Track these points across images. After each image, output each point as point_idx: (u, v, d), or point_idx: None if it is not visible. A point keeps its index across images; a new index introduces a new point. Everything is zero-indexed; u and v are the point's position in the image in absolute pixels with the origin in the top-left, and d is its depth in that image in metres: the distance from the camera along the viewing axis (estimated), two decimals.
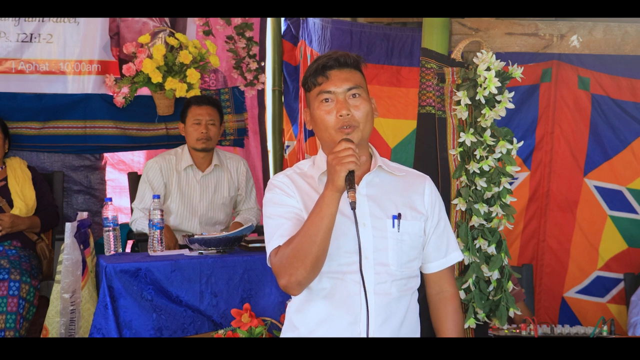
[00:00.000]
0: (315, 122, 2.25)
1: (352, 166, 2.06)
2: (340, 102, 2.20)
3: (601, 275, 4.21)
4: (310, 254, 2.07)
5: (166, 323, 3.18)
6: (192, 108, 4.24)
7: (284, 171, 2.32)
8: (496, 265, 3.09)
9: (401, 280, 2.23)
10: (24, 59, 4.55)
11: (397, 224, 2.22)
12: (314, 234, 2.07)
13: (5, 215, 3.99)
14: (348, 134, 2.18)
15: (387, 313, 2.19)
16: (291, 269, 2.09)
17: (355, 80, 2.23)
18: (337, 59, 2.22)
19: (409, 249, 2.24)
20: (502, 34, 3.32)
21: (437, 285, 2.37)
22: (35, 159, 4.56)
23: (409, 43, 4.51)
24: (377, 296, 2.17)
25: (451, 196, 3.18)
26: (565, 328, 3.16)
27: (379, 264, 2.19)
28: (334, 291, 2.18)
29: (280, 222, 2.19)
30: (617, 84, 4.15)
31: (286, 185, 2.25)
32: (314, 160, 2.33)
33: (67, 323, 3.33)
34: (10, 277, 3.78)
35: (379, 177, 2.29)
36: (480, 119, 3.11)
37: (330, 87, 2.21)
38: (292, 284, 2.11)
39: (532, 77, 4.09)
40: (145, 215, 4.03)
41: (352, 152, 2.07)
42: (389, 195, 2.27)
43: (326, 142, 2.25)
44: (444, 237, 2.36)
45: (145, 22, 4.77)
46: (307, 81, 2.25)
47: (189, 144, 4.26)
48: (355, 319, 2.16)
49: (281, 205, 2.22)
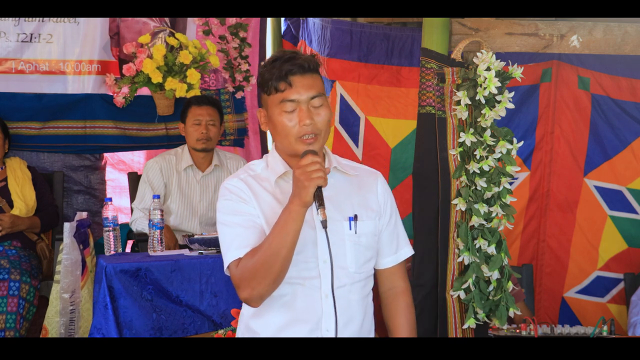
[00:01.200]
0: (274, 128, 2.17)
1: (321, 182, 2.01)
2: (303, 111, 2.12)
3: (601, 275, 4.21)
4: (274, 269, 2.04)
5: (166, 323, 3.19)
6: (192, 108, 4.23)
7: (237, 174, 2.23)
8: (496, 265, 3.09)
9: (360, 282, 2.21)
10: (24, 59, 4.55)
11: (353, 226, 2.19)
12: (277, 249, 2.03)
13: (5, 216, 4.00)
14: (310, 144, 2.12)
15: (348, 316, 2.17)
16: (253, 283, 2.06)
17: (318, 87, 2.15)
18: (302, 65, 2.13)
19: (366, 249, 2.22)
20: (502, 34, 3.32)
21: (389, 281, 2.34)
22: (35, 159, 4.56)
23: (409, 43, 4.51)
24: (338, 300, 2.14)
25: (451, 196, 3.18)
26: (565, 328, 3.16)
27: (338, 267, 2.15)
28: (294, 297, 2.15)
29: (237, 232, 2.14)
30: (617, 84, 4.14)
31: (242, 190, 2.17)
32: (266, 161, 2.25)
33: (66, 323, 3.33)
34: (10, 277, 3.79)
35: (334, 177, 2.22)
36: (480, 119, 3.11)
37: (293, 95, 2.12)
38: (254, 297, 2.09)
39: (532, 77, 4.09)
40: (145, 215, 4.03)
41: (319, 167, 2.02)
42: (344, 196, 2.23)
43: (285, 148, 2.19)
44: (395, 233, 2.33)
45: (145, 22, 4.77)
46: (268, 84, 2.14)
47: (189, 144, 4.26)
48: (317, 324, 2.13)
49: (238, 213, 2.15)
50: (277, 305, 2.16)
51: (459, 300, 3.16)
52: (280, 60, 2.14)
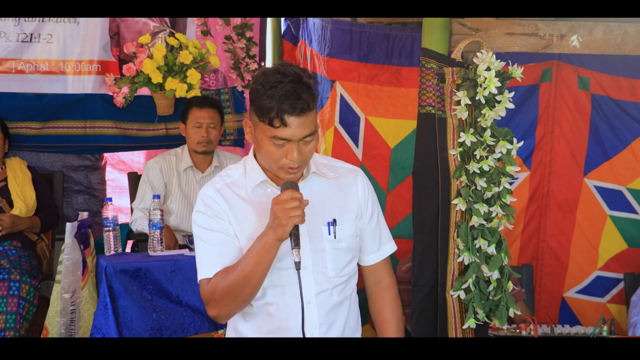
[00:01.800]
0: (258, 146, 2.12)
1: (299, 220, 2.00)
2: (292, 149, 2.06)
3: (601, 275, 4.21)
4: (244, 293, 2.08)
5: (166, 323, 3.19)
6: (194, 110, 4.22)
7: (213, 182, 2.21)
8: (496, 265, 3.09)
9: (341, 285, 2.21)
10: (24, 59, 4.55)
11: (332, 230, 2.18)
12: (249, 277, 2.05)
13: (5, 216, 4.00)
14: (293, 174, 2.11)
15: (330, 320, 2.18)
16: (222, 304, 2.10)
17: (312, 125, 2.08)
18: (302, 107, 2.03)
19: (346, 253, 2.22)
20: (502, 34, 3.32)
21: (374, 277, 2.35)
22: (35, 159, 4.56)
23: (409, 43, 4.51)
24: (319, 306, 2.15)
25: (451, 196, 3.17)
26: (565, 328, 3.16)
27: (318, 273, 2.17)
28: (277, 306, 2.16)
29: (210, 250, 2.15)
30: (617, 84, 4.14)
31: (216, 202, 2.15)
32: (245, 166, 2.22)
33: (67, 323, 3.33)
34: (10, 277, 3.79)
35: (312, 181, 2.21)
36: (480, 119, 3.11)
37: (287, 134, 2.05)
38: (222, 316, 2.15)
39: (532, 77, 4.09)
40: (145, 215, 4.03)
41: (298, 204, 2.00)
42: (323, 200, 2.21)
43: (265, 165, 2.17)
44: (377, 230, 2.32)
45: (145, 22, 4.77)
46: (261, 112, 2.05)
47: (189, 146, 4.26)
48: (297, 333, 2.11)
49: (212, 229, 2.15)
50: (262, 313, 2.18)
51: (459, 300, 3.16)
52: (280, 90, 2.03)
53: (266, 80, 2.06)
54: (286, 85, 2.03)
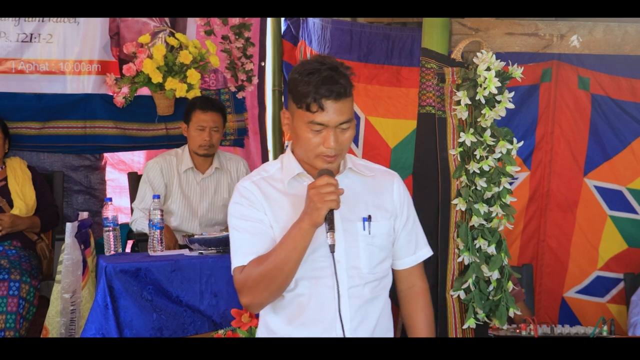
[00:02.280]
0: (296, 135, 2.17)
1: (334, 205, 2.02)
2: (329, 135, 2.11)
3: (601, 275, 4.21)
4: (277, 281, 2.07)
5: (166, 323, 3.18)
6: (197, 113, 4.18)
7: (251, 176, 2.25)
8: (496, 265, 3.09)
9: (374, 281, 2.21)
10: (24, 59, 4.55)
11: (367, 226, 2.20)
12: (283, 263, 2.05)
13: (5, 215, 3.99)
14: (329, 162, 2.14)
15: (362, 316, 2.18)
16: (255, 292, 2.09)
17: (349, 112, 2.13)
18: (339, 92, 2.08)
19: (379, 250, 2.23)
20: (502, 34, 3.32)
21: (408, 281, 2.36)
22: (35, 159, 4.56)
23: (409, 43, 4.51)
24: (351, 299, 2.16)
25: (451, 196, 3.18)
26: (565, 328, 3.16)
27: (351, 267, 2.17)
28: (309, 297, 2.16)
29: (245, 238, 2.16)
30: (617, 84, 4.14)
31: (252, 193, 2.18)
32: (282, 161, 2.26)
33: (67, 323, 3.33)
34: (10, 277, 3.79)
35: (348, 178, 2.24)
36: (480, 119, 3.11)
37: (324, 119, 2.10)
38: (254, 304, 2.13)
39: (532, 77, 4.09)
40: (146, 215, 4.02)
41: (334, 190, 2.02)
42: (358, 196, 2.23)
43: (302, 156, 2.20)
44: (413, 234, 2.34)
45: (145, 22, 4.77)
46: (299, 98, 2.11)
47: (190, 147, 4.25)
48: (330, 324, 2.13)
49: (247, 219, 2.17)
50: (292, 304, 2.17)
51: (459, 300, 3.16)
52: (318, 76, 2.08)
53: (304, 68, 2.11)
54: (324, 72, 2.08)
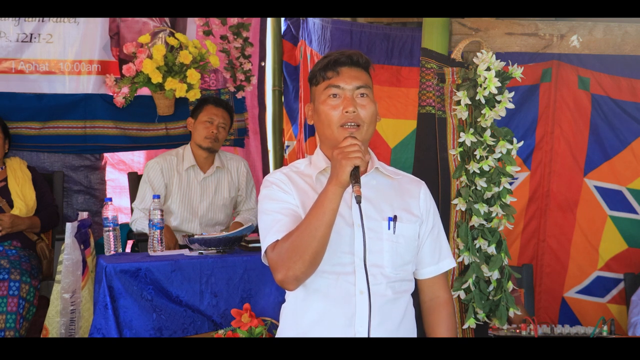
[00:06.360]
0: (319, 117, 2.24)
1: (358, 161, 2.06)
2: (347, 99, 2.20)
3: (601, 275, 4.21)
4: (310, 249, 2.06)
5: (166, 323, 3.18)
6: (209, 106, 4.26)
7: (281, 169, 2.31)
8: (496, 265, 3.09)
9: (396, 282, 2.22)
10: (24, 59, 4.55)
11: (392, 226, 2.21)
12: (314, 229, 2.05)
13: (5, 215, 3.99)
14: (352, 133, 2.17)
15: (383, 315, 2.18)
16: (289, 263, 2.08)
17: (365, 79, 2.24)
18: (350, 56, 2.22)
19: (404, 251, 2.24)
20: (502, 34, 3.33)
21: (431, 292, 2.36)
22: (35, 159, 4.56)
23: (409, 43, 4.52)
24: (373, 297, 2.14)
25: (451, 196, 3.18)
26: (565, 328, 3.16)
27: (374, 266, 2.18)
28: (328, 292, 2.17)
29: (277, 218, 2.18)
30: (617, 84, 4.15)
31: (283, 182, 2.24)
32: (310, 159, 2.32)
33: (67, 323, 3.33)
34: (10, 277, 3.79)
35: (376, 179, 2.28)
36: (480, 119, 3.11)
37: (339, 82, 2.21)
38: (289, 278, 2.10)
39: (532, 77, 4.10)
40: (146, 215, 4.03)
41: (358, 148, 2.07)
42: (385, 197, 2.26)
43: (328, 140, 2.24)
44: (438, 243, 2.35)
45: (145, 22, 4.77)
46: (316, 75, 2.25)
47: (195, 141, 4.25)
48: (350, 320, 2.15)
49: (278, 201, 2.21)
50: (311, 299, 2.19)
51: (459, 300, 3.16)
52: (332, 54, 2.25)
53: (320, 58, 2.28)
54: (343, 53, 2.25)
